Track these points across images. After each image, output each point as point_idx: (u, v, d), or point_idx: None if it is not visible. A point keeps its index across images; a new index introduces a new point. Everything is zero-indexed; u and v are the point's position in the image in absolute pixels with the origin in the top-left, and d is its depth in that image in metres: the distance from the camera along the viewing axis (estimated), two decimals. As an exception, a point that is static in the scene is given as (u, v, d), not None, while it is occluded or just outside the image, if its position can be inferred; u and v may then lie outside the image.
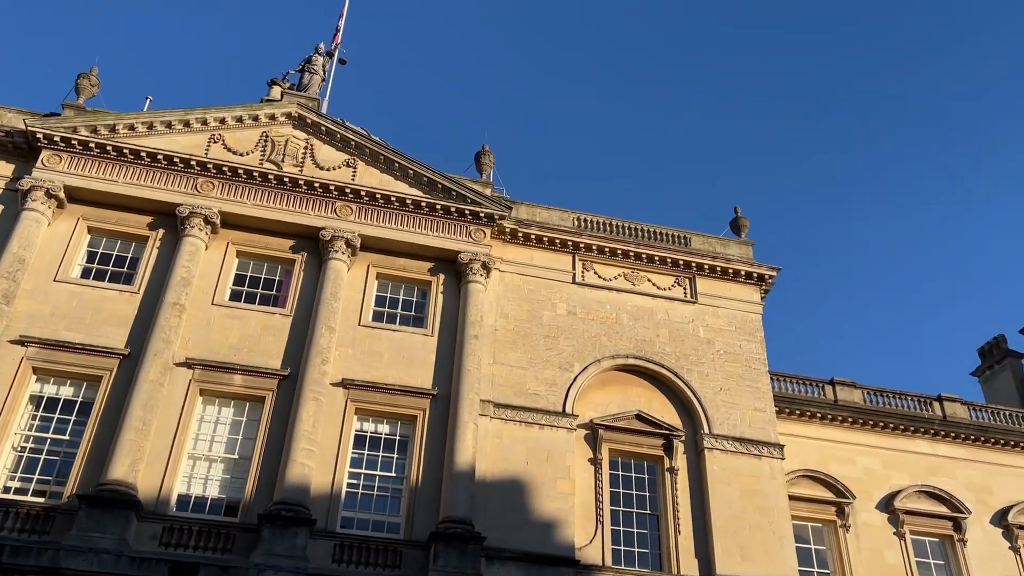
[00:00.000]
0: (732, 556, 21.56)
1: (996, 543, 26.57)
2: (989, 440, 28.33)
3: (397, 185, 24.73)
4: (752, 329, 26.05)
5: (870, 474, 26.80)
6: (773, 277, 26.97)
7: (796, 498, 25.01)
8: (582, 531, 21.27)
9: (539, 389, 22.99)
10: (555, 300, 24.74)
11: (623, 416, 23.37)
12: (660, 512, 22.46)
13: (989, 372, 39.38)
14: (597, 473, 22.32)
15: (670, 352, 24.76)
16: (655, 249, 26.12)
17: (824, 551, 25.27)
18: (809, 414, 27.24)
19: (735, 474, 22.90)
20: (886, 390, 28.97)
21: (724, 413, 24.01)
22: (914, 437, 27.98)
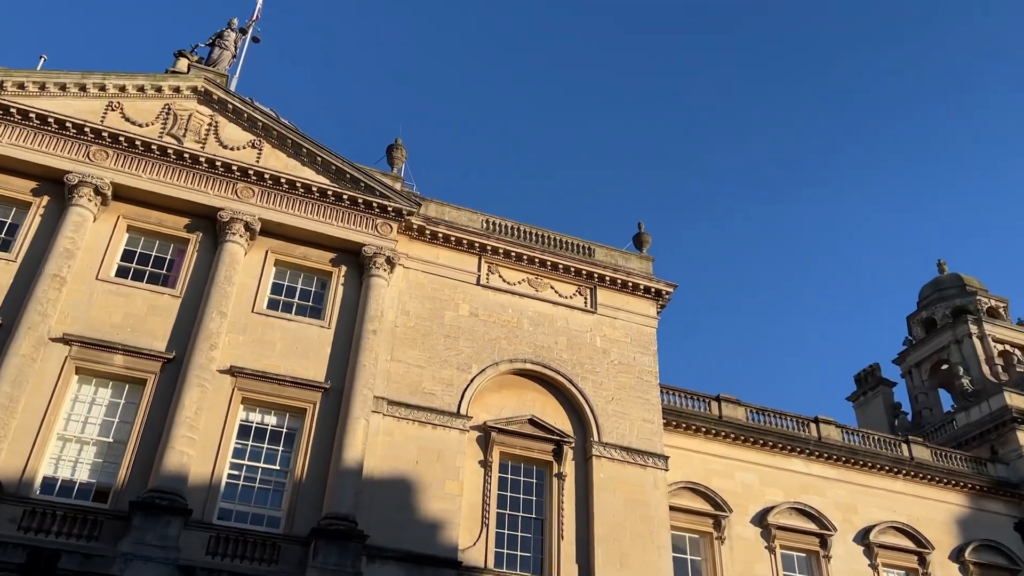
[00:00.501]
0: (612, 563, 21.96)
1: (857, 560, 28.04)
2: (858, 462, 29.90)
3: (303, 171, 24.12)
4: (647, 342, 26.65)
5: (747, 489, 27.83)
6: (670, 293, 27.68)
7: (677, 509, 25.73)
8: (467, 533, 21.24)
9: (435, 389, 22.84)
10: (458, 300, 24.65)
11: (517, 420, 23.48)
12: (546, 517, 22.67)
13: (863, 398, 41.65)
14: (487, 475, 22.34)
15: (567, 359, 25.04)
16: (560, 257, 26.38)
17: (700, 562, 26.09)
18: (694, 428, 28.08)
19: (620, 483, 23.34)
20: (768, 409, 30.19)
21: (614, 422, 24.46)
22: (790, 456, 29.24)
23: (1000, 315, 40.18)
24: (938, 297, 41.55)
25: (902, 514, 29.54)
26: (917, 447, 31.51)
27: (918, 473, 30.57)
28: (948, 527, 30.06)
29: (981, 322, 38.41)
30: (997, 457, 32.74)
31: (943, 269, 43.33)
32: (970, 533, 30.17)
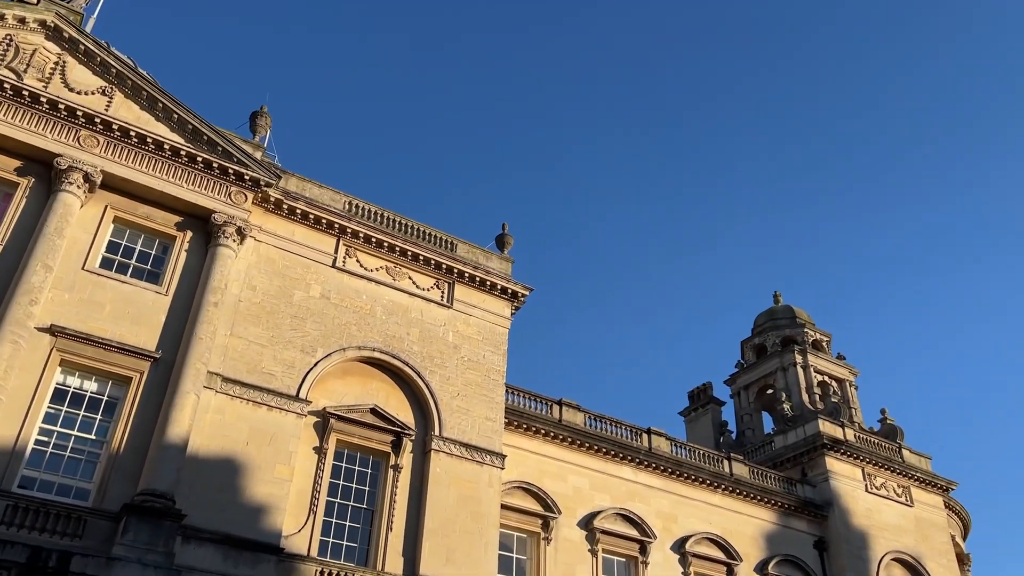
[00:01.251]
0: (438, 558, 22.00)
1: (672, 568, 29.44)
2: (682, 474, 31.41)
3: (156, 126, 22.68)
4: (498, 341, 26.91)
5: (578, 493, 28.64)
6: (526, 296, 28.08)
7: (508, 508, 26.12)
8: (293, 519, 20.66)
9: (275, 369, 22.07)
10: (310, 281, 23.95)
11: (358, 408, 23.09)
12: (377, 508, 22.41)
13: (694, 413, 43.85)
14: (320, 462, 21.82)
15: (417, 352, 24.88)
16: (422, 249, 26.17)
17: (525, 561, 26.59)
18: (534, 429, 28.60)
19: (455, 478, 23.43)
20: (605, 416, 31.19)
21: (457, 418, 24.53)
22: (621, 463, 30.33)
23: (823, 348, 43.39)
24: (771, 326, 44.37)
25: (717, 526, 31.30)
26: (737, 464, 33.48)
27: (735, 488, 32.47)
28: (756, 541, 32.12)
29: (806, 353, 41.33)
30: (806, 479, 35.32)
31: (778, 300, 46.31)
32: (775, 548, 32.38)
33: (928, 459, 39.01)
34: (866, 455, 36.29)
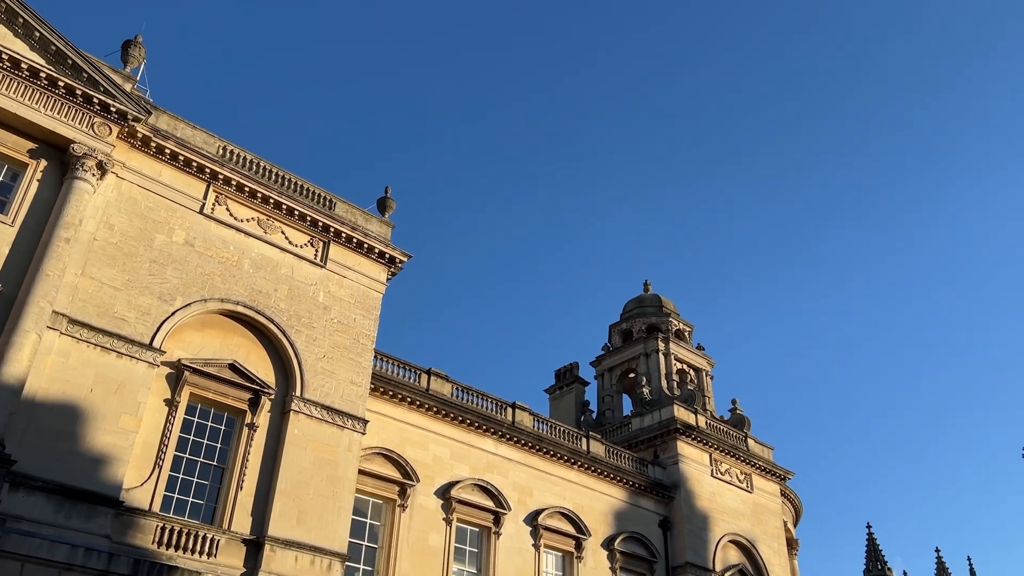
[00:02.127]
0: (288, 519, 21.58)
1: (524, 539, 30.13)
2: (541, 449, 32.10)
3: (15, 43, 20.85)
4: (371, 306, 26.52)
5: (438, 462, 28.76)
6: (404, 262, 27.78)
7: (366, 473, 25.93)
8: (136, 472, 19.72)
9: (129, 315, 20.89)
10: (174, 226, 22.76)
11: (216, 363, 22.22)
12: (228, 466, 21.72)
13: (559, 392, 44.89)
14: (171, 415, 20.89)
15: (284, 309, 24.16)
16: (297, 203, 25.36)
17: (379, 527, 26.51)
18: (400, 397, 28.45)
19: (313, 441, 23.00)
20: (472, 388, 31.40)
21: (321, 380, 24.04)
22: (484, 435, 30.67)
23: (685, 338, 45.28)
24: (638, 313, 45.88)
25: (570, 501, 32.23)
26: (595, 443, 34.54)
27: (591, 466, 33.51)
28: (606, 517, 33.31)
29: (669, 341, 43.01)
30: (658, 460, 36.87)
31: (648, 288, 47.91)
32: (623, 525, 33.70)
33: (770, 449, 41.53)
34: (715, 442, 38.23)
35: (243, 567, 20.45)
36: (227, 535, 20.53)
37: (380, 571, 25.89)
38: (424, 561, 26.76)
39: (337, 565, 22.02)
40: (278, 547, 21.06)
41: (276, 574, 20.71)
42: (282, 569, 20.90)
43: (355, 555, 25.06)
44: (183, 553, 19.56)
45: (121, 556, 18.33)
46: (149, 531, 19.29)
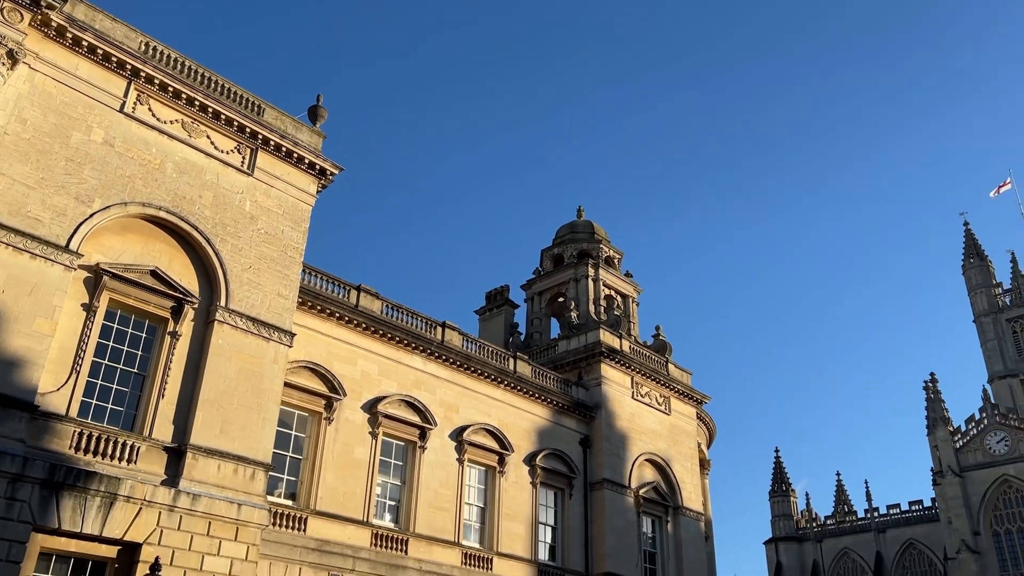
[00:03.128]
0: (212, 429, 21.44)
1: (448, 453, 30.73)
2: (469, 368, 32.50)
3: (-88, -88, 19.11)
4: (299, 218, 25.97)
5: (366, 377, 28.86)
6: (334, 175, 27.17)
7: (292, 386, 25.88)
8: (52, 377, 19.19)
9: (43, 215, 19.95)
10: (92, 124, 21.63)
11: (137, 268, 21.54)
12: (150, 374, 21.33)
13: (489, 313, 45.26)
14: (89, 321, 20.27)
15: (209, 217, 23.45)
16: (225, 107, 24.38)
17: (303, 439, 26.62)
18: (329, 312, 28.25)
19: (237, 351, 22.72)
20: (402, 306, 31.37)
21: (246, 291, 23.61)
22: (413, 353, 30.83)
23: (614, 264, 45.93)
24: (571, 238, 46.22)
25: (495, 419, 32.90)
26: (521, 363, 35.12)
27: (517, 386, 34.15)
28: (529, 435, 34.18)
29: (598, 267, 43.56)
30: (581, 382, 37.79)
31: (581, 214, 48.19)
32: (545, 442, 34.66)
33: (689, 374, 42.98)
34: (637, 366, 39.33)
35: (164, 474, 20.33)
36: (148, 442, 20.31)
37: (304, 482, 26.13)
38: (349, 473, 27.08)
39: (260, 474, 22.09)
40: (200, 455, 20.96)
41: (198, 482, 20.66)
42: (204, 477, 20.86)
43: (280, 466, 25.20)
44: (102, 459, 19.30)
45: (37, 460, 17.98)
46: (66, 436, 18.93)
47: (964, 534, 63.17)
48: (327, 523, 25.90)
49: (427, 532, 28.81)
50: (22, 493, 17.56)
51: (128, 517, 19.09)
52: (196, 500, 20.31)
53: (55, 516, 18.00)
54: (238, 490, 21.33)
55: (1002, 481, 64.71)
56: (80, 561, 18.79)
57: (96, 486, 18.69)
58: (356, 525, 26.71)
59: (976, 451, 66.58)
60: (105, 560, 19.05)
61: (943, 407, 69.74)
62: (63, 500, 18.16)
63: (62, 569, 18.53)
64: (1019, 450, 64.83)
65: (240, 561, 20.72)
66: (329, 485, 26.37)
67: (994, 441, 66.27)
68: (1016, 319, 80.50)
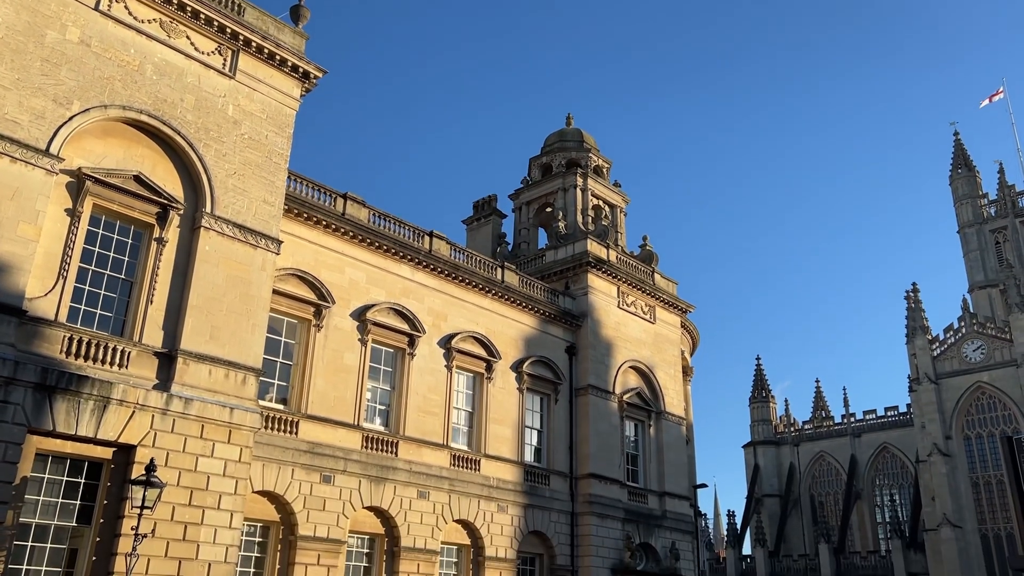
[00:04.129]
0: (201, 334, 21.59)
1: (437, 361, 31.20)
2: (457, 277, 32.65)
3: None
4: (283, 123, 25.49)
5: (354, 285, 28.97)
6: (318, 78, 26.54)
7: (281, 293, 25.97)
8: (39, 283, 19.13)
9: (21, 117, 19.47)
10: (67, 22, 20.87)
11: (119, 173, 21.20)
12: (137, 280, 21.29)
13: (476, 223, 45.15)
14: (73, 226, 20.07)
15: (191, 121, 22.98)
16: (204, 6, 23.53)
17: (293, 345, 26.90)
18: (315, 220, 28.10)
19: (225, 258, 22.66)
20: (390, 215, 31.23)
21: (232, 197, 23.37)
22: (400, 262, 30.88)
23: (603, 174, 45.63)
24: (559, 147, 45.72)
25: (483, 327, 33.28)
26: (509, 273, 35.30)
27: (504, 295, 34.41)
28: (516, 342, 34.66)
29: (587, 177, 43.28)
30: (568, 292, 38.09)
31: (570, 122, 47.52)
32: (532, 350, 35.19)
33: (674, 284, 43.37)
34: (623, 276, 39.60)
35: (155, 379, 20.56)
36: (138, 348, 20.46)
37: (295, 387, 26.55)
38: (339, 378, 27.51)
39: (252, 379, 22.39)
40: (191, 360, 21.18)
41: (190, 386, 20.94)
42: (196, 382, 21.13)
43: (270, 371, 25.53)
44: (93, 363, 19.46)
45: (28, 365, 18.13)
46: (56, 341, 19.02)
47: (936, 438, 65.37)
48: (318, 426, 26.46)
49: (417, 435, 29.52)
50: (15, 396, 17.77)
51: (122, 420, 19.41)
52: (188, 404, 20.63)
53: (49, 419, 18.28)
54: (230, 394, 21.67)
55: (976, 388, 66.55)
56: (76, 462, 19.19)
57: (89, 390, 18.93)
58: (347, 428, 27.32)
59: (953, 359, 68.19)
60: (101, 461, 19.47)
61: (923, 316, 70.97)
62: (56, 403, 18.41)
63: (59, 469, 18.93)
64: (994, 358, 66.45)
65: (234, 463, 21.23)
66: (319, 390, 26.81)
67: (970, 349, 67.80)
68: (999, 230, 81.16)
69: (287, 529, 25.04)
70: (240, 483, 21.27)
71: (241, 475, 21.37)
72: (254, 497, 23.92)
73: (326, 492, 25.96)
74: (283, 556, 24.78)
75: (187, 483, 20.15)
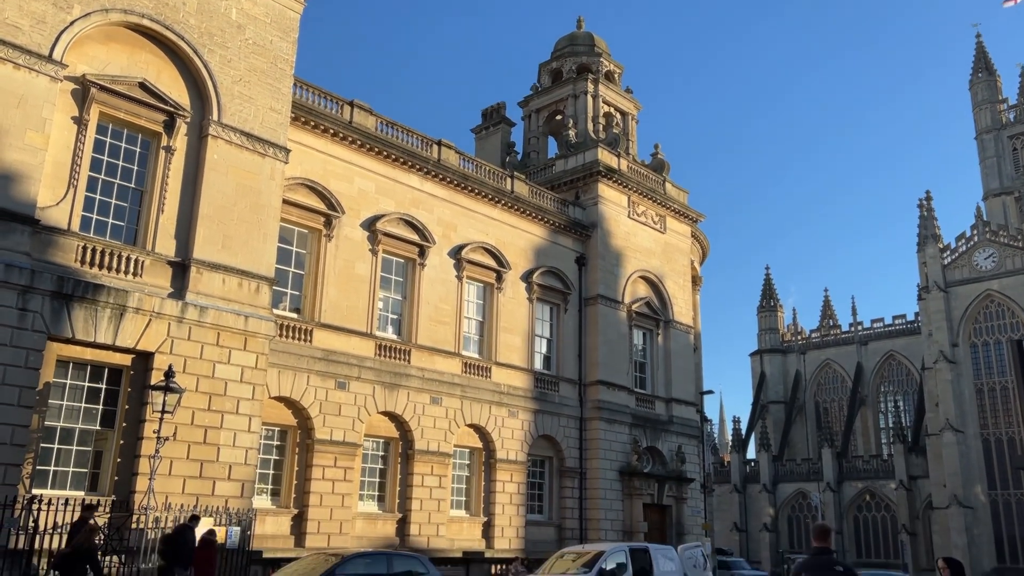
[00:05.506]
0: (214, 244, 21.70)
1: (447, 271, 31.36)
2: (466, 187, 32.46)
3: None
4: (288, 27, 24.91)
5: (363, 195, 28.88)
6: (322, -19, 25.76)
7: (291, 203, 25.94)
8: (50, 191, 19.13)
9: (22, 22, 19.06)
10: (61, -79, 20.17)
11: (125, 80, 20.90)
12: (147, 189, 21.26)
13: (485, 132, 44.57)
14: (80, 134, 19.93)
15: (194, 26, 22.47)
16: (201, -96, 22.67)
17: (304, 255, 27.05)
18: (323, 128, 27.80)
19: (234, 167, 22.54)
20: (397, 123, 30.84)
21: (238, 105, 23.07)
22: (409, 171, 30.67)
23: (614, 80, 44.67)
24: (570, 51, 44.61)
25: (493, 237, 33.29)
26: (519, 183, 35.05)
27: (514, 205, 34.27)
28: (526, 253, 34.72)
29: (598, 83, 42.39)
30: (578, 202, 37.89)
31: (581, 25, 46.21)
32: (541, 260, 35.27)
33: (686, 193, 43.02)
34: (634, 185, 39.26)
35: (170, 287, 20.79)
36: (151, 256, 20.61)
37: (308, 296, 26.82)
38: (351, 287, 27.75)
39: (265, 288, 22.62)
40: (204, 269, 21.36)
41: (204, 295, 21.19)
42: (210, 290, 21.36)
43: (283, 280, 25.77)
44: (108, 272, 19.66)
45: (44, 273, 18.33)
46: (70, 250, 19.17)
47: (943, 345, 65.87)
48: (332, 335, 26.86)
49: (429, 344, 29.97)
50: (33, 304, 18.04)
51: (139, 328, 19.74)
52: (204, 312, 20.92)
53: (68, 326, 18.60)
54: (244, 303, 21.94)
55: (985, 296, 66.61)
56: (97, 368, 19.63)
57: (105, 298, 19.19)
58: (360, 337, 27.73)
59: (963, 267, 68.01)
60: (120, 367, 19.91)
61: (935, 224, 70.41)
62: (74, 311, 18.70)
63: (80, 375, 19.39)
64: (1005, 266, 66.24)
65: (250, 369, 21.67)
66: (332, 300, 27.09)
67: (982, 257, 67.52)
68: (1018, 135, 79.51)
69: (304, 433, 25.75)
70: (257, 389, 21.77)
71: (258, 381, 21.85)
72: (271, 403, 24.51)
73: (341, 398, 26.57)
74: (301, 459, 25.58)
75: (205, 389, 20.64)
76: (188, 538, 17.18)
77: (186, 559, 16.96)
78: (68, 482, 18.90)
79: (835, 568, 8.56)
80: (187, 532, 17.28)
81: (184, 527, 17.42)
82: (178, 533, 17.22)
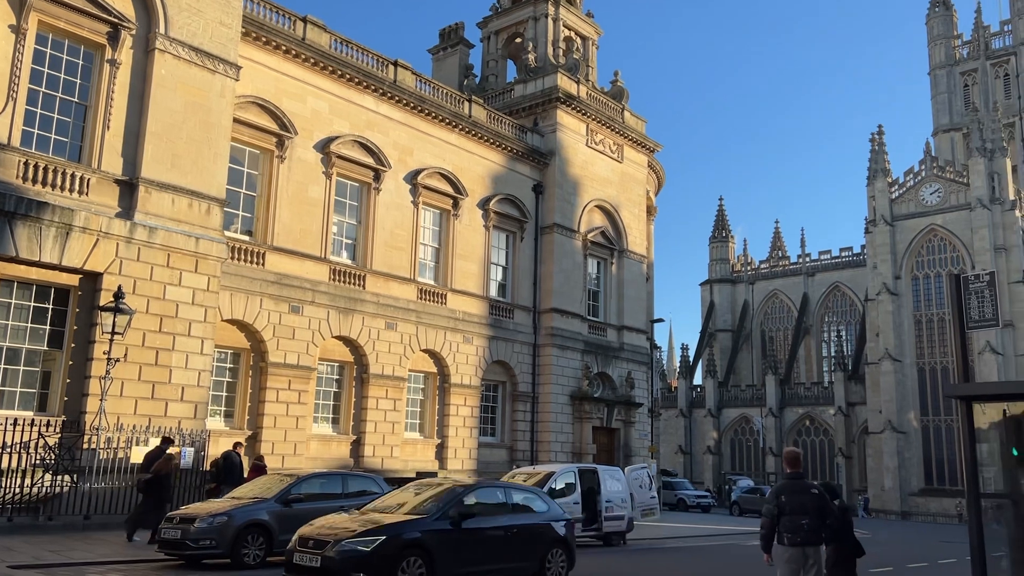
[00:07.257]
0: (162, 162, 21.14)
1: (403, 196, 31.07)
2: (423, 110, 31.92)
3: None
4: (237, -63, 23.81)
5: (316, 116, 28.23)
6: None
7: (241, 122, 25.27)
8: (-13, 105, 18.35)
9: (-51, -79, 17.93)
10: None
11: (63, -12, 19.88)
12: (91, 104, 20.50)
13: (442, 53, 43.59)
14: (19, 43, 19.01)
15: (137, -68, 21.34)
16: None
17: (256, 176, 26.52)
18: (275, 44, 26.92)
19: (182, 83, 21.80)
20: (352, 41, 29.99)
21: (187, 18, 22.16)
22: (364, 92, 29.99)
23: (575, 3, 43.81)
24: (531, -28, 43.42)
25: (449, 163, 32.96)
26: (476, 107, 34.56)
27: (471, 130, 33.86)
28: (483, 180, 34.51)
29: (559, 4, 41.55)
30: (537, 128, 37.57)
31: (543, -54, 44.87)
32: (499, 187, 35.12)
33: (643, 122, 42.92)
34: (593, 112, 39.01)
35: (118, 207, 20.29)
36: (97, 174, 20.03)
37: (260, 218, 26.42)
38: (304, 211, 27.39)
39: (216, 209, 22.21)
40: (153, 189, 20.85)
41: (153, 215, 20.74)
42: (159, 211, 20.91)
43: (234, 202, 25.32)
44: (52, 190, 19.08)
45: (-16, 190, 17.72)
46: (11, 166, 18.51)
47: (886, 277, 67.77)
48: (285, 258, 26.61)
49: (384, 269, 29.89)
50: (-26, 222, 17.48)
51: (86, 247, 19.31)
52: (153, 232, 20.52)
53: (11, 244, 18.12)
54: (194, 224, 21.54)
55: (929, 230, 68.35)
56: (43, 288, 19.24)
57: (50, 216, 18.68)
58: (314, 261, 27.52)
59: (910, 201, 69.49)
60: (68, 287, 19.54)
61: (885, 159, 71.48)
62: (17, 229, 18.19)
63: (25, 295, 19.00)
64: (949, 201, 67.86)
65: (202, 291, 21.45)
66: (285, 223, 26.74)
67: (928, 192, 69.02)
68: (969, 72, 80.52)
69: (258, 356, 25.73)
70: (209, 311, 21.60)
71: (210, 303, 21.66)
72: (224, 325, 24.37)
73: (295, 322, 26.51)
74: (255, 381, 25.62)
75: (156, 311, 20.41)
76: (236, 461, 19.16)
77: (237, 479, 18.66)
78: (16, 402, 18.71)
79: (811, 490, 9.52)
80: (233, 455, 19.26)
81: (230, 452, 19.43)
82: (226, 458, 19.18)
